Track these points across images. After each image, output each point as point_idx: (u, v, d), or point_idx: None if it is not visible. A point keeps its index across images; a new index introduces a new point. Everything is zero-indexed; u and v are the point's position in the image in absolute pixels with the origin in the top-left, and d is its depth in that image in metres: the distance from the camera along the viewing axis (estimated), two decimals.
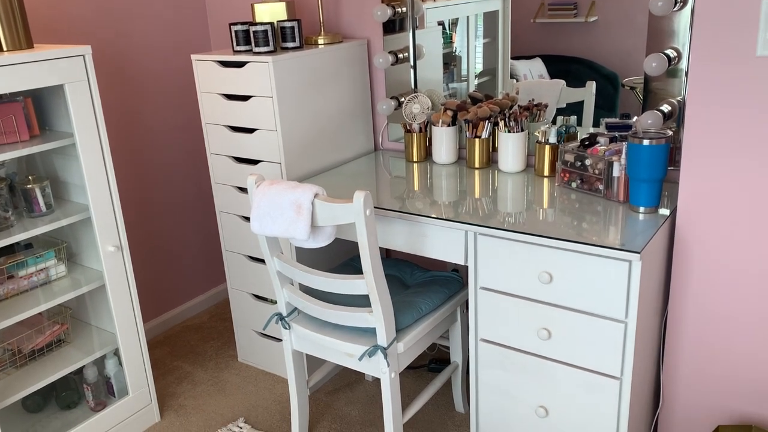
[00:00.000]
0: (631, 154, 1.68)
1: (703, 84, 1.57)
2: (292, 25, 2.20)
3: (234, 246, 2.44)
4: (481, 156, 2.22)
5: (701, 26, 1.53)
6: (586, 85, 2.13)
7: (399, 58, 2.38)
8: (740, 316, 1.68)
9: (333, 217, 1.68)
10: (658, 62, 1.70)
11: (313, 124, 2.28)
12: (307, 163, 2.28)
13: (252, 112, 2.19)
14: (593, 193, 1.87)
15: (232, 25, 2.21)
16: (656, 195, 1.70)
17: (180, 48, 2.82)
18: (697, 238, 1.68)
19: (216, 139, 2.33)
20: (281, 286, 1.93)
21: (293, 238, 1.74)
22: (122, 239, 2.11)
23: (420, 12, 2.34)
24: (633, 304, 1.56)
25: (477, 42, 2.31)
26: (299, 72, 2.18)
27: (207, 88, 2.28)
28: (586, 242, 1.57)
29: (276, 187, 1.75)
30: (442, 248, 1.85)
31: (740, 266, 1.65)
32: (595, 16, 2.02)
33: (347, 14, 2.49)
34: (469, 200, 1.92)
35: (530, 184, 2.03)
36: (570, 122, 2.11)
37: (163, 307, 2.96)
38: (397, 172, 2.27)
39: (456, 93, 2.39)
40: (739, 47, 1.50)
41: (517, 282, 1.72)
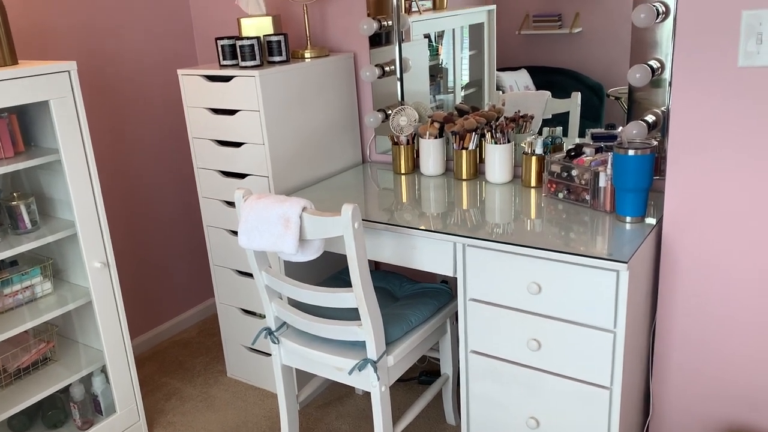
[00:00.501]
0: (616, 164, 1.69)
1: (687, 94, 1.58)
2: (279, 39, 2.21)
3: (222, 260, 2.43)
4: (468, 167, 2.23)
5: (683, 38, 1.55)
6: (571, 96, 2.15)
7: (386, 71, 2.39)
8: (728, 324, 1.69)
9: (321, 230, 1.68)
10: (642, 73, 1.72)
11: (301, 137, 2.28)
12: (295, 176, 2.28)
13: (239, 126, 2.19)
14: (580, 204, 1.88)
15: (219, 40, 2.21)
16: (642, 204, 1.71)
17: (167, 62, 2.81)
18: (683, 247, 1.70)
19: (203, 153, 2.33)
20: (270, 300, 1.92)
21: (281, 252, 1.73)
22: (109, 255, 2.09)
23: (406, 25, 2.36)
24: (621, 313, 1.57)
25: (463, 54, 2.33)
26: (286, 85, 2.19)
27: (194, 103, 2.28)
28: (573, 252, 1.58)
29: (264, 201, 1.75)
30: (430, 260, 1.85)
31: (727, 274, 1.66)
32: (580, 28, 2.04)
33: (334, 28, 2.50)
34: (457, 211, 1.93)
35: (518, 195, 2.04)
36: (556, 133, 2.12)
37: (151, 322, 2.94)
38: (385, 184, 2.28)
39: (443, 104, 2.40)
40: (721, 58, 1.52)
41: (506, 293, 1.72)
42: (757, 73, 1.49)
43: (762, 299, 1.63)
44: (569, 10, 2.05)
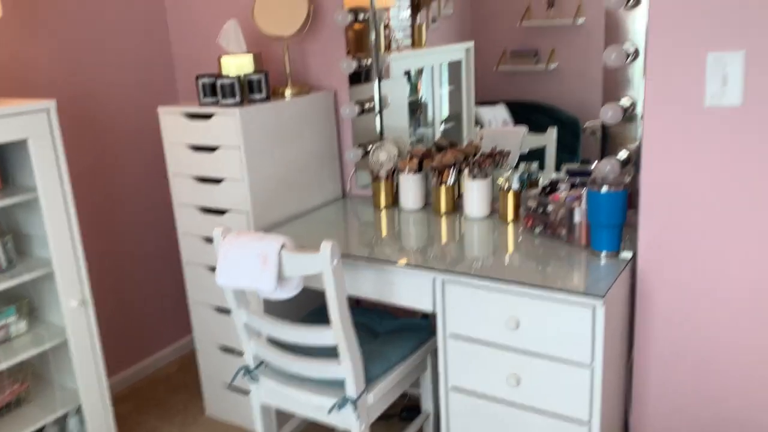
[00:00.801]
0: (590, 200, 1.72)
1: (657, 133, 1.63)
2: (259, 77, 2.23)
3: (201, 297, 2.41)
4: (447, 202, 2.25)
5: (653, 78, 1.60)
6: (547, 132, 2.19)
7: (365, 107, 2.43)
8: (704, 357, 1.71)
9: (300, 268, 1.68)
10: (614, 112, 1.77)
11: (281, 172, 2.29)
12: (276, 211, 2.28)
13: (219, 162, 2.20)
14: (556, 238, 1.91)
15: (199, 78, 2.24)
16: (617, 240, 1.74)
17: (147, 100, 2.83)
18: (658, 281, 1.72)
19: (182, 189, 2.33)
20: (248, 338, 1.91)
21: (260, 290, 1.73)
22: (86, 294, 2.07)
23: (385, 63, 2.40)
24: (598, 348, 1.58)
25: (442, 90, 2.38)
26: (267, 122, 2.21)
27: (173, 140, 2.29)
28: (550, 287, 1.59)
29: (242, 238, 1.75)
30: (410, 295, 1.85)
31: (701, 307, 1.68)
32: (556, 64, 2.10)
33: (314, 66, 2.54)
34: (437, 246, 1.94)
35: (495, 230, 2.06)
36: (532, 169, 2.16)
37: (128, 360, 2.89)
38: (366, 219, 2.29)
39: (423, 138, 2.44)
40: (689, 98, 1.57)
41: (485, 328, 1.73)
42: (723, 112, 1.54)
43: (737, 331, 1.65)
44: (545, 46, 2.10)
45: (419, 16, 2.30)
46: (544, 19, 2.07)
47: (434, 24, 2.29)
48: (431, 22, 2.30)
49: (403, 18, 2.34)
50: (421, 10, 2.29)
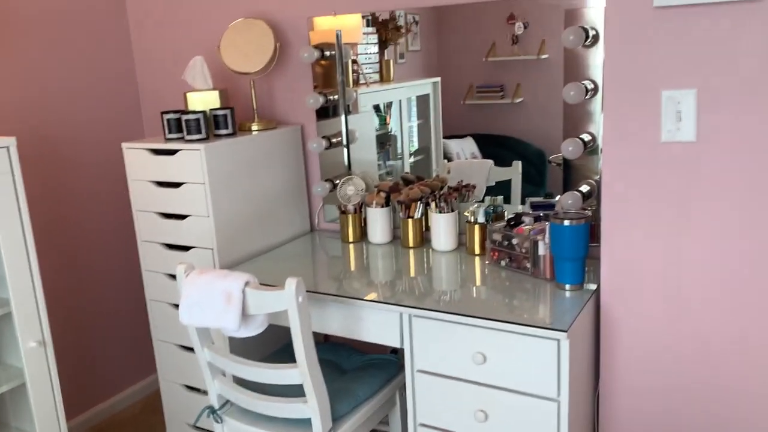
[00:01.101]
0: (553, 233, 1.74)
1: (616, 168, 1.66)
2: (225, 113, 2.23)
3: (165, 335, 2.37)
4: (414, 236, 2.26)
5: (611, 115, 1.64)
6: (512, 165, 2.22)
7: (332, 142, 2.44)
8: (668, 388, 1.72)
9: (264, 305, 1.66)
10: (574, 147, 1.80)
11: (248, 208, 2.28)
12: (242, 247, 2.26)
13: (184, 198, 2.18)
14: (522, 271, 1.92)
15: (164, 114, 2.23)
16: (580, 272, 1.76)
17: (112, 136, 2.80)
18: (621, 312, 1.74)
19: (146, 226, 2.30)
20: (212, 377, 1.87)
21: (224, 329, 1.70)
22: (45, 334, 2.02)
23: (352, 98, 2.42)
24: (564, 382, 1.58)
25: (411, 123, 2.40)
26: (232, 158, 2.20)
27: (137, 176, 2.27)
28: (514, 322, 1.60)
29: (205, 276, 1.73)
30: (377, 331, 1.84)
31: (664, 338, 1.70)
32: (521, 98, 2.14)
33: (281, 101, 2.55)
34: (405, 280, 1.94)
35: (462, 263, 2.07)
36: (497, 202, 2.18)
37: (90, 401, 2.81)
38: (333, 253, 2.28)
39: (392, 170, 2.45)
40: (646, 134, 1.61)
41: (453, 363, 1.72)
42: (679, 147, 1.58)
43: (699, 362, 1.67)
44: (511, 81, 2.14)
45: (387, 52, 2.33)
46: (509, 55, 2.12)
47: (402, 59, 2.33)
48: (399, 57, 2.33)
49: (370, 53, 2.37)
50: (389, 46, 2.32)
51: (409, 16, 2.25)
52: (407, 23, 2.26)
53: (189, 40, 2.71)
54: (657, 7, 1.53)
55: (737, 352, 1.62)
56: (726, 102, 1.51)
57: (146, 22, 2.80)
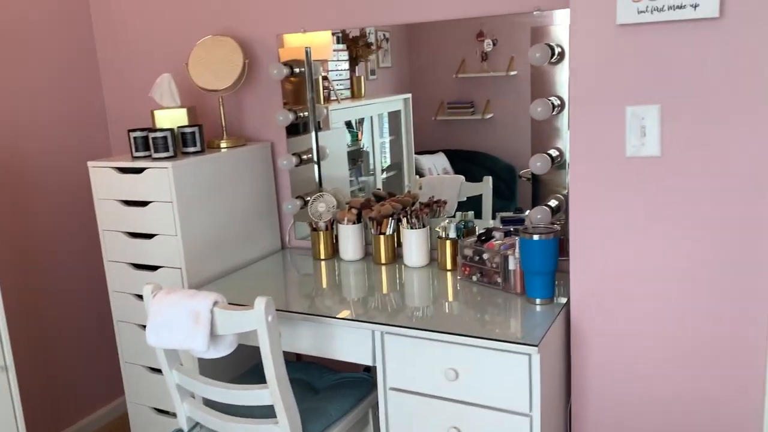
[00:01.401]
0: (523, 248, 1.75)
1: (582, 183, 1.68)
2: (193, 130, 2.21)
3: (133, 357, 2.32)
4: (386, 252, 2.25)
5: (577, 131, 1.66)
6: (483, 180, 2.24)
7: (303, 159, 2.43)
8: (639, 401, 1.73)
9: (233, 325, 1.64)
10: (542, 162, 1.82)
11: (217, 226, 2.25)
12: (211, 266, 2.23)
13: (151, 217, 2.14)
14: (493, 286, 1.92)
15: (131, 132, 2.20)
16: (550, 287, 1.77)
17: (78, 155, 2.75)
18: (591, 326, 1.75)
19: (113, 245, 2.26)
20: (181, 399, 1.83)
21: (192, 350, 1.67)
22: (7, 359, 1.95)
23: (323, 115, 2.42)
24: (536, 396, 1.58)
25: (383, 139, 2.40)
26: (201, 176, 2.18)
27: (104, 195, 2.23)
28: (485, 337, 1.60)
29: (173, 296, 1.70)
30: (349, 349, 1.82)
31: (633, 351, 1.71)
32: (491, 114, 2.15)
33: (250, 118, 2.53)
34: (377, 296, 1.93)
35: (434, 278, 2.07)
36: (468, 217, 2.19)
37: (56, 425, 2.73)
38: (305, 271, 2.26)
39: (365, 186, 2.45)
40: (611, 149, 1.63)
41: (425, 380, 1.71)
42: (644, 162, 1.60)
43: (669, 375, 1.68)
44: (480, 97, 2.16)
45: (358, 68, 2.34)
46: (478, 72, 2.14)
47: (373, 76, 2.33)
48: (370, 73, 2.34)
49: (341, 70, 2.37)
50: (360, 63, 2.33)
51: (380, 33, 2.27)
52: (378, 40, 2.27)
53: (156, 57, 2.68)
54: (620, 25, 1.56)
55: (707, 364, 1.64)
56: (689, 117, 1.54)
57: (113, 39, 2.77)
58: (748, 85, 1.47)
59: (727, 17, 1.45)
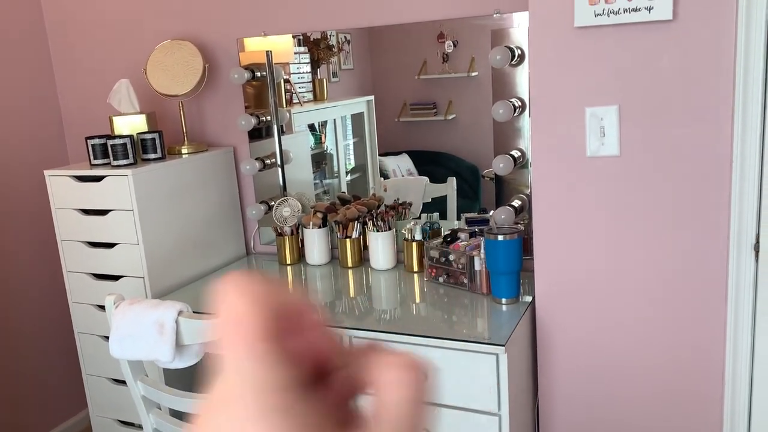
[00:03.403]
0: (488, 249, 1.77)
1: (544, 183, 1.70)
2: (153, 136, 2.17)
3: (96, 369, 2.27)
4: (353, 255, 2.25)
5: (538, 132, 1.68)
6: (447, 181, 2.25)
7: (266, 163, 2.41)
8: (604, 397, 1.77)
9: (199, 334, 1.61)
10: (505, 163, 1.84)
11: (180, 233, 2.22)
12: (175, 274, 2.19)
13: (111, 226, 2.10)
14: (459, 287, 1.94)
15: (89, 139, 2.15)
16: (515, 286, 1.79)
17: (33, 163, 2.68)
18: (556, 324, 1.78)
19: (73, 256, 2.20)
20: (147, 411, 1.79)
21: (157, 361, 1.64)
22: None
23: (285, 118, 2.40)
24: (504, 395, 1.60)
25: (347, 141, 2.40)
26: (162, 183, 2.14)
27: (62, 204, 2.17)
28: (452, 338, 1.61)
29: (136, 306, 1.67)
30: None
31: (598, 347, 1.75)
32: (453, 115, 2.17)
33: (212, 123, 2.50)
34: (344, 300, 1.93)
35: (401, 281, 2.07)
36: (433, 219, 2.20)
37: None
38: (271, 276, 2.24)
39: (329, 189, 2.44)
40: (572, 149, 1.66)
41: None
42: (604, 161, 1.64)
43: (632, 371, 1.72)
44: (443, 98, 2.18)
45: (320, 71, 2.33)
46: (440, 73, 2.15)
47: (335, 78, 2.33)
48: (332, 76, 2.33)
49: (303, 72, 2.36)
50: (321, 65, 2.32)
51: (341, 36, 2.26)
52: (339, 42, 2.27)
53: (114, 62, 2.63)
54: (578, 28, 1.58)
55: (670, 362, 1.68)
56: (647, 118, 1.57)
57: (67, 43, 2.70)
58: (703, 86, 1.51)
59: (681, 20, 1.49)
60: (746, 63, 1.45)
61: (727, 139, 1.52)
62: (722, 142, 1.52)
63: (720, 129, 1.52)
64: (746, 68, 1.45)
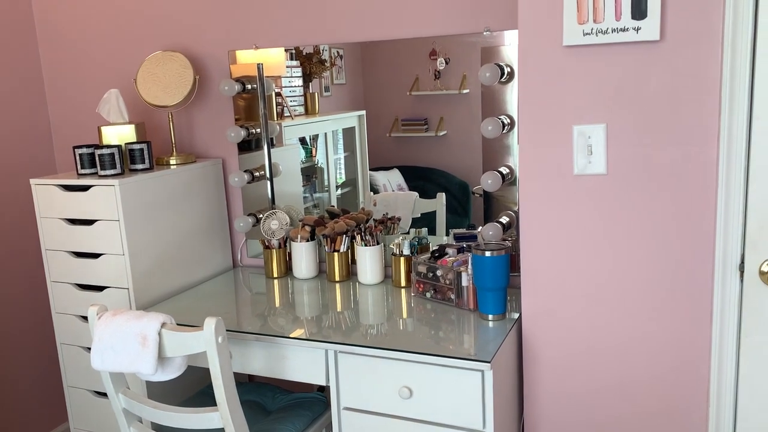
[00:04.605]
0: (475, 265, 1.76)
1: (532, 199, 1.71)
2: (142, 147, 2.16)
3: (77, 381, 2.23)
4: (340, 269, 2.24)
5: (526, 149, 1.69)
6: (437, 197, 2.25)
7: (255, 176, 2.40)
8: (590, 415, 1.76)
9: (182, 347, 1.60)
10: (493, 180, 1.84)
11: (166, 245, 2.20)
12: (160, 286, 2.17)
13: (97, 236, 2.08)
14: (446, 303, 1.93)
15: (77, 149, 2.14)
16: (502, 302, 1.79)
17: (21, 172, 2.66)
18: (543, 341, 1.77)
19: (57, 265, 2.18)
20: (128, 424, 1.77)
21: (139, 373, 1.62)
22: None
23: (276, 131, 2.40)
24: (489, 413, 1.59)
25: (337, 155, 2.40)
26: (149, 193, 2.13)
27: (48, 213, 2.15)
28: (439, 354, 1.60)
29: (119, 317, 1.65)
30: (302, 369, 1.80)
31: (585, 365, 1.74)
32: (444, 131, 2.17)
33: (201, 134, 2.49)
34: (331, 315, 1.91)
35: (389, 295, 2.06)
36: (422, 234, 2.20)
37: None
38: (258, 289, 2.23)
39: (319, 203, 2.43)
40: (560, 167, 1.66)
41: (379, 399, 1.70)
42: (591, 179, 1.64)
43: (621, 388, 1.72)
44: (434, 115, 2.18)
45: (311, 85, 2.33)
46: (432, 90, 2.16)
47: (327, 92, 2.33)
48: (324, 90, 2.33)
49: (295, 86, 2.36)
50: (313, 79, 2.32)
51: (334, 51, 2.27)
52: (332, 57, 2.27)
53: (104, 72, 2.62)
54: (567, 46, 1.60)
55: (656, 380, 1.68)
56: (634, 136, 1.58)
57: (58, 52, 2.70)
58: (689, 106, 1.53)
59: (668, 40, 1.51)
60: (732, 84, 1.47)
61: (713, 159, 1.53)
62: (708, 162, 1.53)
63: (706, 149, 1.53)
64: (732, 89, 1.47)
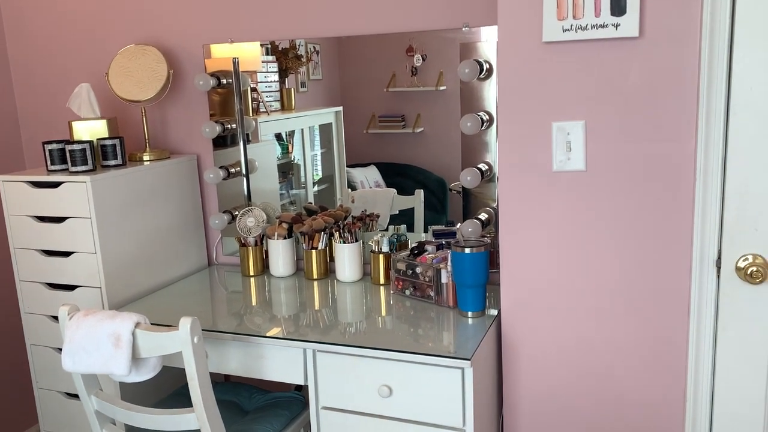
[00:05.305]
0: (455, 261, 1.76)
1: (511, 196, 1.70)
2: (114, 142, 2.11)
3: (48, 383, 2.18)
4: (318, 267, 2.22)
5: (505, 146, 1.68)
6: (415, 193, 2.24)
7: (231, 172, 2.36)
8: (569, 411, 1.76)
9: (157, 347, 1.56)
10: (472, 176, 1.84)
11: (139, 242, 2.15)
12: (133, 284, 2.13)
13: (68, 234, 2.03)
14: (426, 300, 1.92)
15: (46, 144, 2.08)
16: (481, 299, 1.78)
17: None
18: (521, 338, 1.77)
19: (26, 264, 2.12)
20: (101, 426, 1.73)
21: (113, 374, 1.58)
22: None
23: (251, 127, 2.37)
24: (469, 410, 1.58)
25: (314, 151, 2.37)
26: (122, 190, 2.08)
27: (16, 211, 2.09)
28: (418, 352, 1.59)
29: (92, 318, 1.61)
30: (280, 369, 1.77)
31: (563, 361, 1.74)
32: (422, 128, 2.16)
33: (175, 130, 2.45)
34: (309, 313, 1.89)
35: (367, 293, 2.04)
36: (401, 231, 2.18)
37: None
38: (233, 288, 2.19)
39: (296, 200, 2.40)
40: (539, 164, 1.66)
41: (358, 398, 1.68)
42: (570, 176, 1.64)
43: (597, 385, 1.72)
44: (411, 111, 2.17)
45: (288, 81, 2.30)
46: (409, 86, 2.14)
47: (304, 88, 2.30)
48: (300, 86, 2.30)
49: (271, 81, 2.33)
50: (290, 75, 2.29)
51: (310, 46, 2.24)
52: (308, 52, 2.24)
53: (74, 65, 2.55)
54: (546, 43, 1.59)
55: (631, 375, 1.69)
56: (613, 133, 1.59)
57: (26, 44, 2.62)
58: (667, 103, 1.53)
59: (647, 37, 1.51)
60: (709, 80, 1.48)
61: (691, 155, 1.54)
62: (686, 158, 1.54)
63: (684, 145, 1.54)
64: (709, 85, 1.48)
